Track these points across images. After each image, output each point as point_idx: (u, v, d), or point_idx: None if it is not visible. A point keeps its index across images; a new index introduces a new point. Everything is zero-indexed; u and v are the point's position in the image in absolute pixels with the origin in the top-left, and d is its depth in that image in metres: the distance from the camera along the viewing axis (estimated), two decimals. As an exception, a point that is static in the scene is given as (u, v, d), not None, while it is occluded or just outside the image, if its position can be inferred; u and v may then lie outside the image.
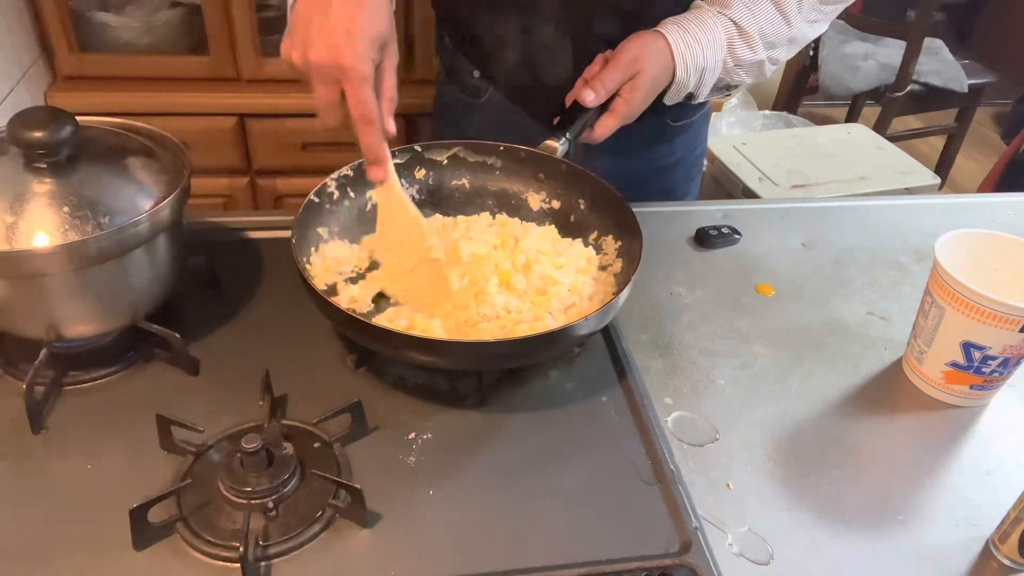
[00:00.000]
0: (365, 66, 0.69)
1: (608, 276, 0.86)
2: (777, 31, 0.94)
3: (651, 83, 0.90)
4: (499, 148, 0.95)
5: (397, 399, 0.77)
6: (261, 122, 1.87)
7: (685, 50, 0.90)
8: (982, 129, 3.75)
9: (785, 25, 0.94)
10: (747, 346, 0.88)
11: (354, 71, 0.68)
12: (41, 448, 0.70)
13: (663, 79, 0.91)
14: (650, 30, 0.91)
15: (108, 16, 1.82)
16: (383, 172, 0.77)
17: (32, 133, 0.69)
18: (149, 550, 0.62)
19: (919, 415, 0.81)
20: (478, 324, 0.78)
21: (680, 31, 0.90)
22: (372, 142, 0.74)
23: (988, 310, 0.74)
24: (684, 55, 0.90)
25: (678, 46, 0.90)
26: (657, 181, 1.17)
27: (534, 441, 0.74)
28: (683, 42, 0.90)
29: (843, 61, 2.86)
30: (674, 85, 0.92)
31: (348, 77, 0.69)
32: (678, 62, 0.90)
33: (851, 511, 0.70)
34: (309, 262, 0.84)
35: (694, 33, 0.90)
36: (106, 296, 0.74)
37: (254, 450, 0.64)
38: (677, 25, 0.91)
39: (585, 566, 0.63)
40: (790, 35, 0.95)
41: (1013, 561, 0.66)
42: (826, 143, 2.39)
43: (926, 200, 1.24)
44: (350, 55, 0.68)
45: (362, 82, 0.69)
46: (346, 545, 0.64)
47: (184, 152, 0.80)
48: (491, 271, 0.84)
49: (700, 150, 1.23)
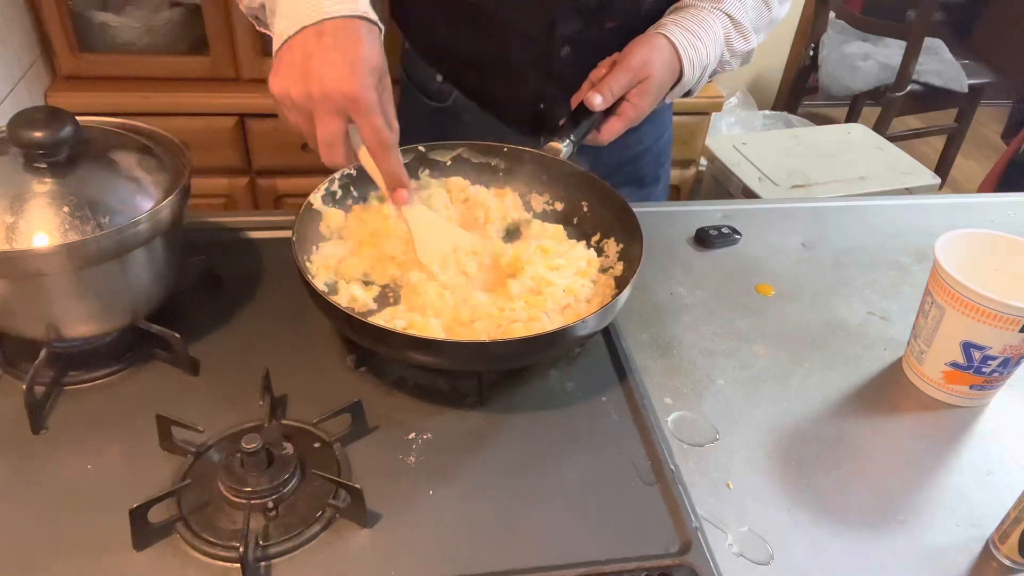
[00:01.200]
0: (373, 94, 0.68)
1: (608, 279, 0.86)
2: (761, 17, 0.98)
3: (659, 86, 0.90)
4: (503, 149, 0.95)
5: (397, 399, 0.77)
6: (261, 122, 1.87)
7: (691, 51, 0.90)
8: (982, 129, 3.75)
9: (767, 10, 0.98)
10: (747, 346, 0.88)
11: (365, 100, 0.67)
12: (41, 448, 0.70)
13: (669, 82, 0.92)
14: (653, 32, 0.92)
15: (108, 16, 1.82)
16: (407, 194, 0.77)
17: (32, 133, 0.69)
18: (149, 550, 0.62)
19: (919, 415, 0.81)
20: (473, 323, 0.78)
21: (683, 32, 0.90)
22: (393, 168, 0.74)
23: (988, 310, 0.74)
24: (691, 56, 0.91)
25: (685, 48, 0.90)
26: (626, 171, 1.17)
27: (534, 441, 0.74)
28: (688, 43, 0.90)
29: (843, 61, 2.85)
30: (680, 85, 0.93)
31: (359, 107, 0.68)
32: (686, 64, 0.90)
33: (851, 511, 0.70)
34: (309, 260, 0.84)
35: (697, 32, 0.91)
36: (106, 296, 0.74)
37: (254, 450, 0.64)
38: (679, 26, 0.91)
39: (585, 566, 0.63)
40: (771, 18, 0.99)
41: (1013, 561, 0.66)
42: (826, 143, 2.39)
43: (926, 200, 1.24)
44: (359, 85, 0.67)
45: (373, 110, 0.68)
46: (346, 545, 0.64)
47: (184, 152, 0.80)
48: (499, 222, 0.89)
49: (667, 137, 1.23)
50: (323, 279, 0.83)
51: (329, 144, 0.70)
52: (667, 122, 1.22)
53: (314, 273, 0.83)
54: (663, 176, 1.26)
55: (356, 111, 0.68)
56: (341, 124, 0.69)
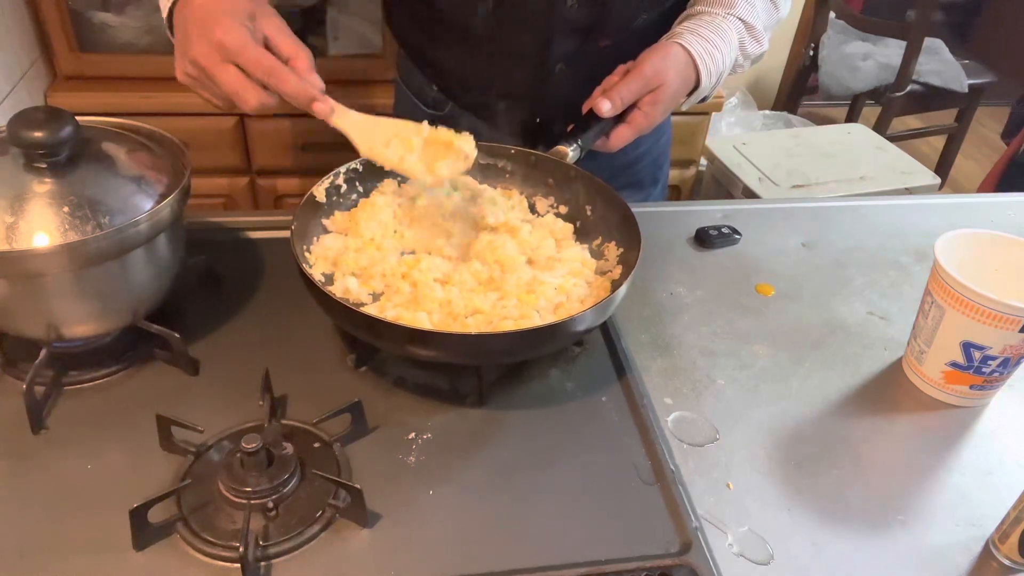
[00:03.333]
0: (240, 32, 0.71)
1: (605, 281, 0.86)
2: (770, 18, 0.98)
3: (672, 96, 0.90)
4: (510, 151, 0.95)
5: (397, 399, 0.77)
6: (261, 122, 1.87)
7: (708, 59, 0.90)
8: (982, 129, 3.75)
9: (775, 11, 0.98)
10: (747, 346, 0.88)
11: (232, 40, 0.70)
12: (41, 448, 0.70)
13: (684, 91, 0.92)
14: (667, 42, 0.91)
15: (108, 16, 1.82)
16: (326, 105, 0.76)
17: (32, 133, 0.69)
18: (149, 550, 0.62)
19: (919, 415, 0.81)
20: (466, 319, 0.78)
21: (699, 40, 0.90)
22: (294, 87, 0.73)
23: (988, 310, 0.74)
24: (709, 66, 0.90)
25: (702, 57, 0.90)
26: (625, 174, 1.17)
27: (534, 440, 0.74)
28: (705, 52, 0.90)
29: (843, 61, 2.86)
30: (696, 93, 0.93)
31: (230, 48, 0.70)
32: (703, 72, 0.90)
33: (851, 511, 0.70)
34: (308, 251, 0.84)
35: (713, 40, 0.90)
36: (106, 296, 0.74)
37: (254, 450, 0.64)
38: (695, 35, 0.91)
39: (585, 566, 0.63)
40: (778, 18, 1.00)
41: (1013, 561, 0.66)
42: (826, 143, 2.39)
43: (926, 200, 1.24)
44: (220, 31, 0.70)
45: (245, 45, 0.71)
46: (346, 545, 0.64)
47: (184, 152, 0.80)
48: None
49: (666, 139, 1.23)
50: (320, 270, 0.83)
51: (236, 92, 0.72)
52: (666, 124, 1.22)
53: (312, 263, 0.83)
54: (661, 178, 1.26)
55: (229, 55, 0.71)
56: (234, 72, 0.72)
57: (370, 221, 0.86)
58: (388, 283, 0.82)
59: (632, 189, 1.19)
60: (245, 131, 1.88)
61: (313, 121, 0.77)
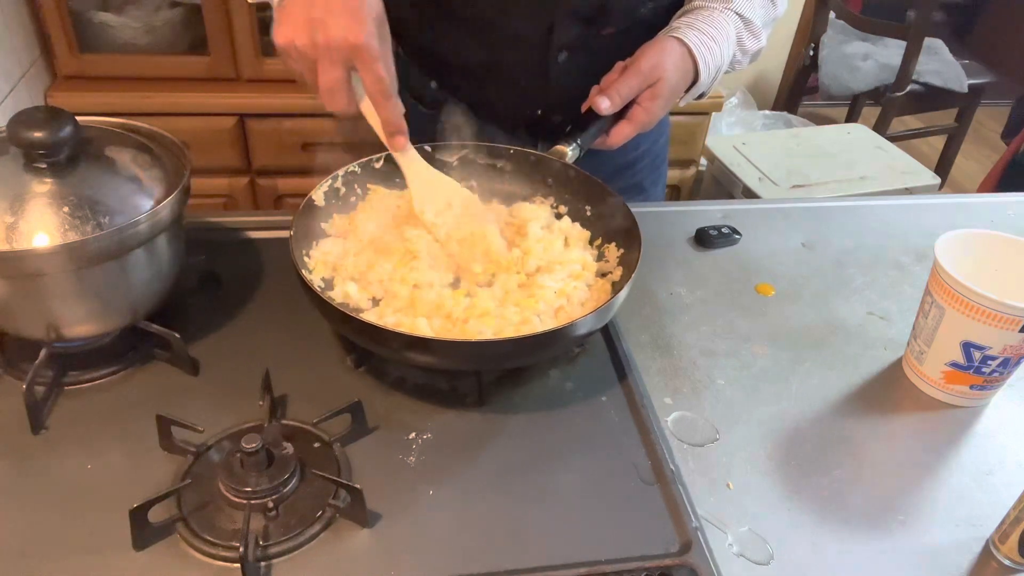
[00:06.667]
0: (376, 43, 0.70)
1: (606, 283, 0.85)
2: (768, 14, 0.97)
3: (671, 90, 0.90)
4: (509, 151, 0.95)
5: (397, 399, 0.77)
6: (261, 122, 1.87)
7: (707, 54, 0.90)
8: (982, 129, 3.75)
9: (773, 7, 0.98)
10: (747, 346, 0.88)
11: (368, 48, 0.69)
12: (41, 448, 0.70)
13: (682, 86, 0.91)
14: (664, 36, 0.91)
15: (108, 16, 1.82)
16: (405, 141, 0.79)
17: (32, 133, 0.69)
18: (149, 550, 0.62)
19: (919, 415, 0.81)
20: (466, 323, 0.78)
21: (697, 34, 0.90)
22: (392, 115, 0.75)
23: (988, 310, 0.74)
24: (707, 59, 0.90)
25: (700, 51, 0.89)
26: (624, 175, 1.17)
27: (534, 441, 0.74)
28: (704, 46, 0.89)
29: (843, 61, 2.85)
30: (695, 88, 0.92)
31: (362, 56, 0.69)
32: (701, 66, 0.90)
33: (851, 511, 0.70)
34: (308, 255, 0.84)
35: (711, 34, 0.90)
36: (106, 296, 0.74)
37: (254, 450, 0.64)
38: (692, 29, 0.90)
39: (585, 566, 0.63)
40: (775, 15, 0.99)
41: (1013, 561, 0.66)
42: (826, 143, 2.39)
43: (926, 200, 1.24)
44: (363, 34, 0.69)
45: (377, 58, 0.70)
46: (346, 545, 0.64)
47: (184, 152, 0.80)
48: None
49: (664, 139, 1.23)
50: (320, 275, 0.83)
51: (332, 92, 0.72)
52: (665, 124, 1.22)
53: (312, 268, 0.83)
54: (660, 179, 1.26)
55: (360, 60, 0.70)
56: (344, 72, 0.71)
57: (369, 223, 0.86)
58: (387, 288, 0.82)
59: (632, 190, 1.19)
60: (245, 131, 1.88)
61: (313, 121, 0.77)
